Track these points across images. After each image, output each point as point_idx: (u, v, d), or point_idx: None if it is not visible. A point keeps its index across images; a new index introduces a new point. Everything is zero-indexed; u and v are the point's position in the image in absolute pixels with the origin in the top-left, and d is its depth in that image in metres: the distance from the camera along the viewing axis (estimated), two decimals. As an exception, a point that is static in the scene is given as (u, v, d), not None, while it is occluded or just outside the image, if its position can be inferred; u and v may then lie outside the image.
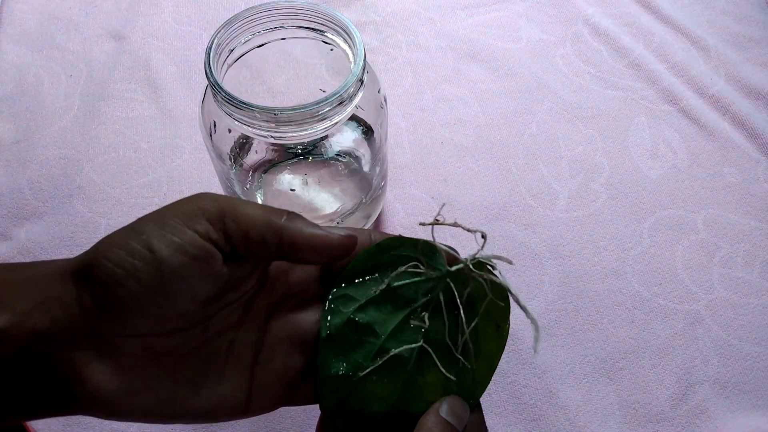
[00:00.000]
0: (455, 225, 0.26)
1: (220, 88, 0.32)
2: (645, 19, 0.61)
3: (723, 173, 0.51)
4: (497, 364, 0.26)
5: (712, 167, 0.52)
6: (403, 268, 0.26)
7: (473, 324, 0.26)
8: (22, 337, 0.21)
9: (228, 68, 0.37)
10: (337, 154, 0.42)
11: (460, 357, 0.26)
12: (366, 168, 0.43)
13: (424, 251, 0.27)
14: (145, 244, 0.22)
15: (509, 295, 0.26)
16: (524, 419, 0.40)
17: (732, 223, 0.48)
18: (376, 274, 0.27)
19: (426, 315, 0.26)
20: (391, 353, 0.26)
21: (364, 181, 0.43)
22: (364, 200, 0.43)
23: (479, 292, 0.26)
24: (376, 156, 0.42)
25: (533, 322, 0.24)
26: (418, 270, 0.27)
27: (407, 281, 0.27)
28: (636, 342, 0.43)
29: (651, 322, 0.44)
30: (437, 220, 0.27)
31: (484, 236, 0.26)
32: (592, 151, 0.53)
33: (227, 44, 0.35)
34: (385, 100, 0.40)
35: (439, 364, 0.26)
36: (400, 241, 0.27)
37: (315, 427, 0.40)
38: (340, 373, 0.25)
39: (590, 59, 0.59)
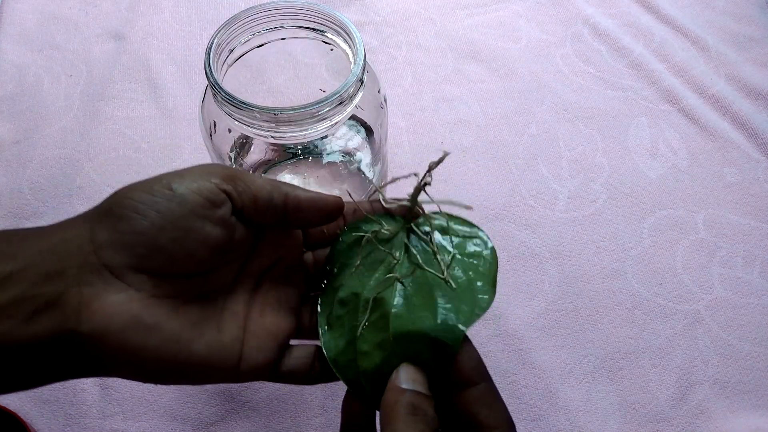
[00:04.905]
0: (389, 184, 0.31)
1: (220, 88, 0.32)
2: (645, 19, 0.61)
3: (723, 173, 0.51)
4: (496, 278, 0.28)
5: (712, 167, 0.52)
6: (374, 234, 0.30)
7: (452, 254, 0.29)
8: (30, 279, 0.22)
9: (228, 68, 0.37)
10: (336, 154, 0.42)
11: (449, 280, 0.27)
12: (366, 168, 0.43)
13: (384, 218, 0.31)
14: (166, 186, 0.24)
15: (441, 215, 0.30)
16: (524, 419, 0.40)
17: (732, 223, 0.48)
18: (352, 258, 0.30)
19: (397, 252, 0.29)
20: (372, 296, 0.27)
21: (364, 181, 0.43)
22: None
23: (445, 231, 0.30)
24: (376, 156, 0.42)
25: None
26: (382, 232, 0.30)
27: (378, 247, 0.29)
28: (636, 342, 0.43)
29: (651, 322, 0.44)
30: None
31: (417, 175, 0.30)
32: (592, 151, 0.53)
33: (227, 44, 0.35)
34: (385, 100, 0.40)
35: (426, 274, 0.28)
36: (362, 221, 0.30)
37: (314, 426, 0.40)
38: (342, 347, 0.27)
39: (590, 59, 0.59)
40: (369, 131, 0.40)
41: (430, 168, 0.29)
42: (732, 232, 0.48)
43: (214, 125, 0.37)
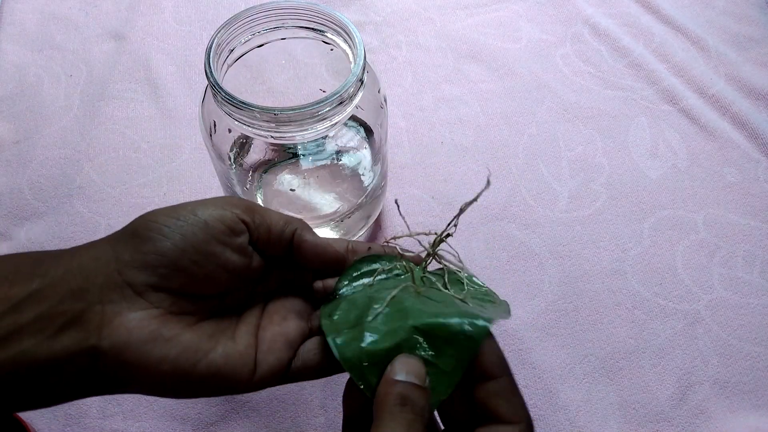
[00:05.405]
0: (410, 235, 0.31)
1: (220, 88, 0.32)
2: (645, 19, 0.61)
3: (723, 173, 0.51)
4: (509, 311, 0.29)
5: (712, 167, 0.52)
6: (387, 266, 0.30)
7: (465, 291, 0.29)
8: (55, 296, 0.23)
9: (228, 68, 0.37)
10: (337, 154, 0.42)
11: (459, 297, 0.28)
12: (366, 168, 0.43)
13: (397, 261, 0.31)
14: (191, 211, 0.26)
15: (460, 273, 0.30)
16: (524, 419, 0.40)
17: (732, 223, 0.48)
18: (362, 282, 0.30)
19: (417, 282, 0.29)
20: (392, 294, 0.27)
21: (364, 181, 0.43)
22: (364, 200, 0.43)
23: (457, 281, 0.30)
24: (376, 156, 0.42)
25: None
26: (397, 267, 0.30)
27: (390, 277, 0.30)
28: (636, 342, 0.43)
29: (651, 322, 0.44)
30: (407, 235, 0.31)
31: (438, 234, 0.31)
32: (592, 151, 0.53)
33: (227, 44, 0.35)
34: (385, 100, 0.40)
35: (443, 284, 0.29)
36: (379, 256, 0.31)
37: (314, 426, 0.40)
38: (347, 327, 0.27)
39: (590, 59, 0.59)
40: (369, 131, 0.40)
41: (461, 211, 0.29)
42: (732, 232, 0.48)
43: (214, 125, 0.37)
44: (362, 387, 0.25)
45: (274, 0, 0.36)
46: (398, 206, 0.32)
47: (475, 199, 0.28)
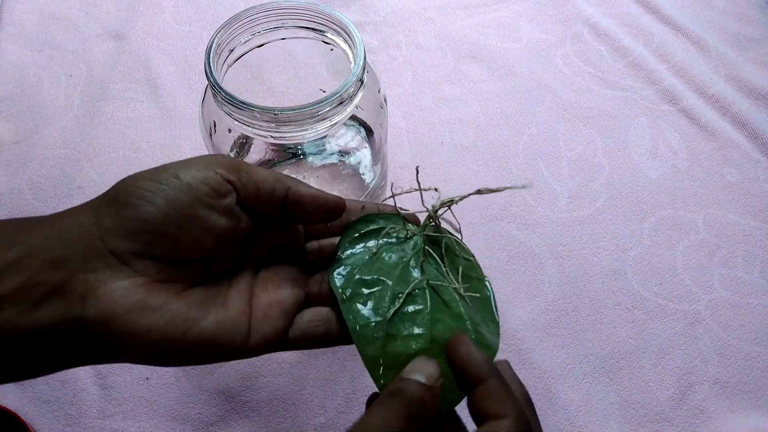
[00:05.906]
0: (411, 191, 0.32)
1: (220, 88, 0.32)
2: (645, 19, 0.61)
3: (723, 173, 0.51)
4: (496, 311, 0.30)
5: (712, 167, 0.52)
6: (393, 230, 0.30)
7: (460, 269, 0.30)
8: (36, 265, 0.22)
9: (228, 68, 0.37)
10: (337, 154, 0.42)
11: (461, 293, 0.29)
12: (366, 168, 0.43)
13: (395, 220, 0.31)
14: (173, 174, 0.25)
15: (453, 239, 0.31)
16: (524, 419, 0.40)
17: (732, 223, 0.48)
18: (364, 244, 0.30)
19: (421, 256, 0.30)
20: (407, 291, 0.28)
21: (364, 181, 0.43)
22: (364, 200, 0.43)
23: (451, 250, 0.31)
24: (376, 156, 0.42)
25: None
26: (398, 232, 0.31)
27: (392, 242, 0.30)
28: (636, 342, 0.43)
29: (651, 322, 0.44)
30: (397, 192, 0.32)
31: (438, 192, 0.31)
32: (592, 151, 0.53)
33: (227, 44, 0.35)
34: (385, 100, 0.40)
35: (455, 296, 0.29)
36: (376, 215, 0.31)
37: (314, 426, 0.40)
38: (370, 322, 0.27)
39: (590, 59, 0.59)
40: (369, 131, 0.40)
41: (479, 192, 0.29)
42: (732, 232, 0.48)
43: (214, 125, 0.37)
44: (379, 384, 0.26)
45: (274, 0, 0.36)
46: (417, 173, 0.32)
47: (498, 190, 0.29)
